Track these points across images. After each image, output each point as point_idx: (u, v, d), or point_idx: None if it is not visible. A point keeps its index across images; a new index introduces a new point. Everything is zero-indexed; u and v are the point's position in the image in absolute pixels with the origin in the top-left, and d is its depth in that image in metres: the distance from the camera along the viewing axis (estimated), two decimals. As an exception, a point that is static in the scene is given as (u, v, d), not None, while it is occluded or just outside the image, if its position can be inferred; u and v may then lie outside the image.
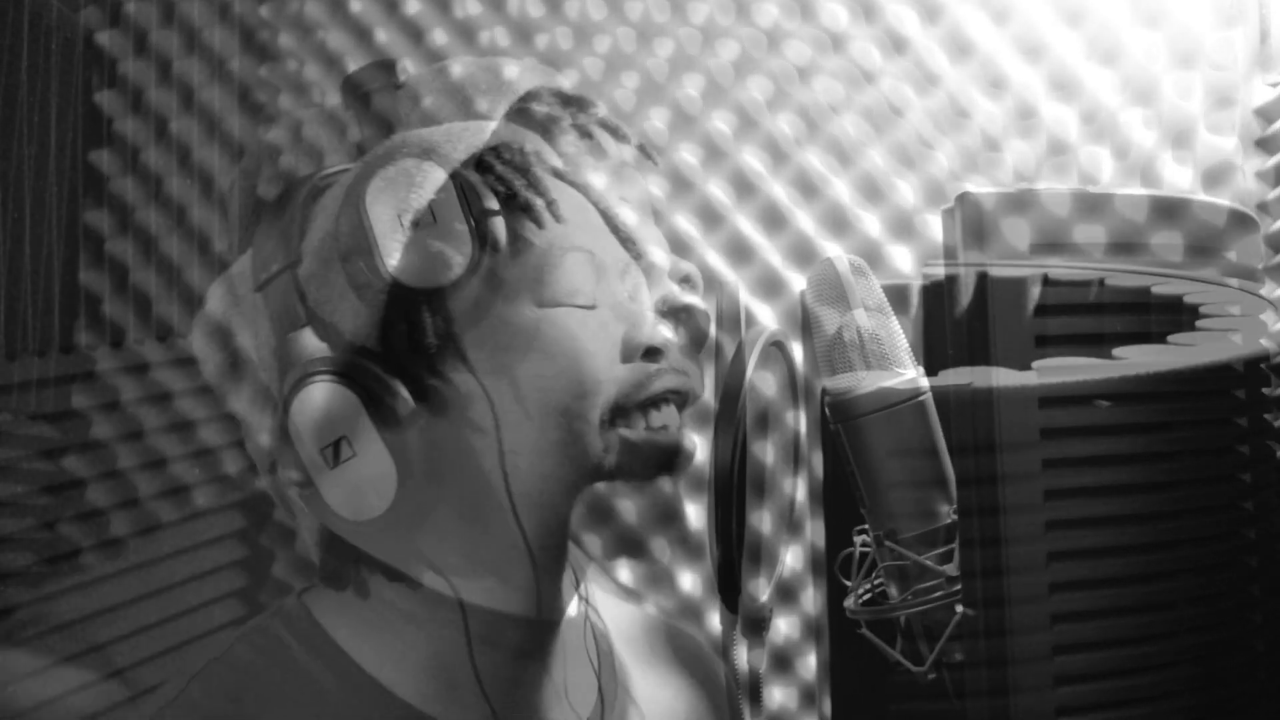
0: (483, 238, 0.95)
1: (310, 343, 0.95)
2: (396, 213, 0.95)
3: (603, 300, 1.00)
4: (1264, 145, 1.28)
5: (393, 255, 0.94)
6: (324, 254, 0.97)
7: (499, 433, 0.96)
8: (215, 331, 1.03)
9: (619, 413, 0.98)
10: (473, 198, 0.96)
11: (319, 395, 0.92)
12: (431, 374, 0.95)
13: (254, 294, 0.99)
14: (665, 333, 1.02)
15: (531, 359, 0.97)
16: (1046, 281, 0.94)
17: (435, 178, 0.96)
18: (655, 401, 1.00)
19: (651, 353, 1.01)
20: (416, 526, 0.96)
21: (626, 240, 1.05)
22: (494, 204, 0.96)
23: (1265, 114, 1.28)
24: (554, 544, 1.01)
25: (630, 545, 1.06)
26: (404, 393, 0.93)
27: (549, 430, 0.97)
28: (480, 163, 0.99)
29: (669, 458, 1.00)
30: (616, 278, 1.02)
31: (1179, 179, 1.29)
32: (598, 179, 1.07)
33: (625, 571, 1.36)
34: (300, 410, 0.92)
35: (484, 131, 1.01)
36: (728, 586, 1.03)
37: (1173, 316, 0.97)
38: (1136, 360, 0.95)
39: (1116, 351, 0.95)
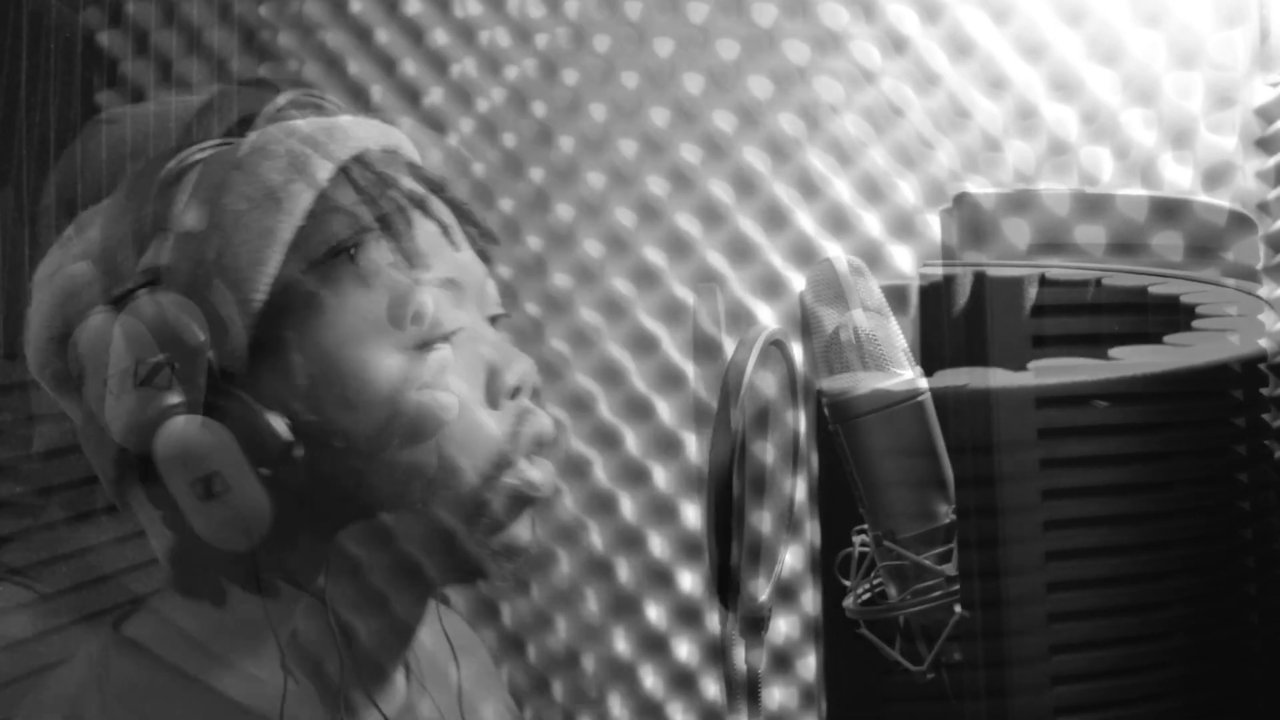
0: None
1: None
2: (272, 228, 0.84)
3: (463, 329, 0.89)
4: (1264, 145, 1.28)
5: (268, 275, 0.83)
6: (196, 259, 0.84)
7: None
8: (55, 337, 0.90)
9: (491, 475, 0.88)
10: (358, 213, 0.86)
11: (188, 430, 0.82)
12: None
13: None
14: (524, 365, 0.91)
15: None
16: (1043, 282, 0.94)
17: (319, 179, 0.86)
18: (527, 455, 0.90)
19: (517, 392, 0.90)
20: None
21: (484, 237, 0.95)
22: (369, 223, 0.86)
23: (1265, 114, 1.28)
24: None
25: None
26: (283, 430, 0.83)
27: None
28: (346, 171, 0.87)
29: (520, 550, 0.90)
30: (475, 298, 0.91)
31: (1179, 179, 1.29)
32: None
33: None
34: (167, 444, 0.81)
35: (359, 133, 0.90)
36: (725, 586, 1.03)
37: (1170, 317, 0.97)
38: (1134, 360, 0.95)
39: (1113, 352, 0.95)
